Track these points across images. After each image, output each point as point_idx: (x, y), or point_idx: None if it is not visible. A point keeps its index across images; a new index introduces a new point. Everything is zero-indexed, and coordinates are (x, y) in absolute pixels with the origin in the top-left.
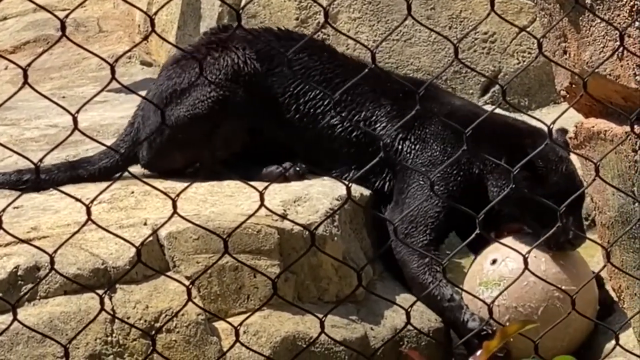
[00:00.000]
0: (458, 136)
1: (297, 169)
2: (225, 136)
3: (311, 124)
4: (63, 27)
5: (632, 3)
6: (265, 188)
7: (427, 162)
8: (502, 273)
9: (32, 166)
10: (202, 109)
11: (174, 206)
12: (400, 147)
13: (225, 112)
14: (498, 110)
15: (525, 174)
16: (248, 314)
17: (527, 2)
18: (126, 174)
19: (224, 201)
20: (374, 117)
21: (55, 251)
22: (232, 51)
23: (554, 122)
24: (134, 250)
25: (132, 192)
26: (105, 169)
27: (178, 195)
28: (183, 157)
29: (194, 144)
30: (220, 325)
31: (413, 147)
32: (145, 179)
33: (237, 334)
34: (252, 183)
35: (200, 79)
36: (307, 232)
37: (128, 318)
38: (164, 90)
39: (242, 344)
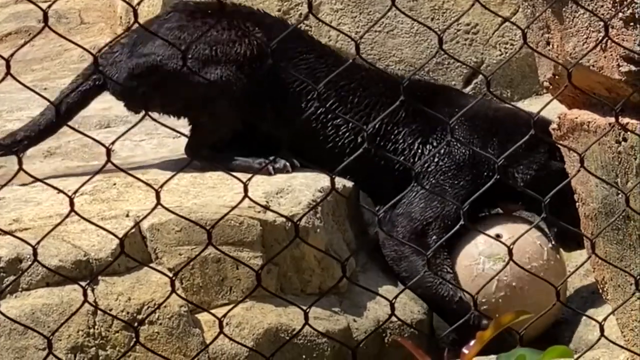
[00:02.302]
0: (485, 137)
1: (287, 163)
2: (217, 116)
3: (314, 123)
4: (45, 18)
5: None
6: (249, 179)
7: (453, 165)
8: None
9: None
10: (203, 79)
11: (158, 197)
12: (420, 150)
13: (226, 92)
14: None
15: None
16: (231, 306)
17: None
18: (109, 165)
19: (206, 193)
20: (387, 120)
21: (38, 242)
22: (252, 39)
23: (538, 113)
24: (116, 242)
25: (114, 184)
26: (86, 91)
27: (161, 186)
28: (162, 107)
29: (180, 102)
30: (202, 317)
31: (437, 150)
32: (127, 170)
33: (220, 326)
34: (235, 174)
35: (213, 51)
36: (289, 224)
37: (110, 310)
38: (172, 38)
39: (226, 335)
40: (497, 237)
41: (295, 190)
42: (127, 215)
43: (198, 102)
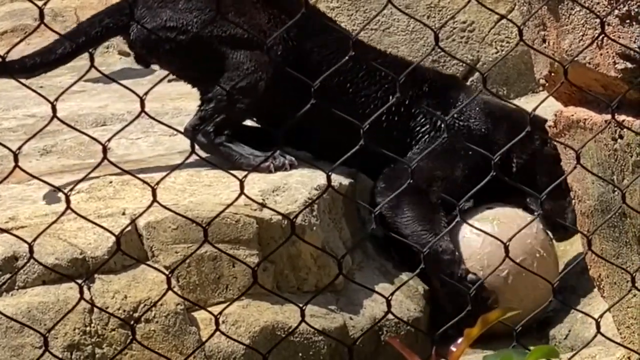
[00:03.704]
0: (498, 121)
1: (285, 160)
2: (235, 95)
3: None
4: (42, 15)
5: None
6: (245, 176)
7: (469, 136)
8: (497, 213)
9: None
10: (232, 53)
11: (154, 194)
12: (442, 125)
13: (251, 74)
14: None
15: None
16: (227, 304)
17: None
18: (105, 164)
19: (202, 191)
20: (412, 93)
21: (34, 240)
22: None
23: (535, 109)
24: (112, 240)
25: (111, 182)
26: (108, 28)
27: (158, 183)
28: (180, 70)
29: (200, 70)
30: (199, 315)
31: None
32: (123, 168)
33: (217, 323)
34: (231, 172)
35: (245, 32)
36: (285, 222)
37: (107, 308)
38: (209, 5)
39: (223, 333)
40: (488, 208)
41: (292, 188)
42: (124, 213)
43: (220, 75)
